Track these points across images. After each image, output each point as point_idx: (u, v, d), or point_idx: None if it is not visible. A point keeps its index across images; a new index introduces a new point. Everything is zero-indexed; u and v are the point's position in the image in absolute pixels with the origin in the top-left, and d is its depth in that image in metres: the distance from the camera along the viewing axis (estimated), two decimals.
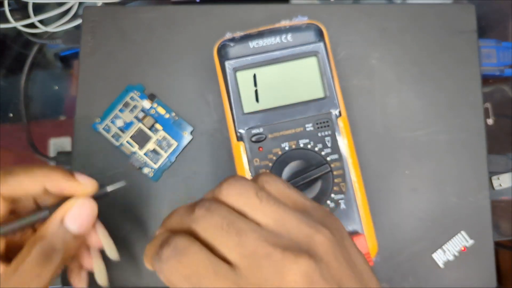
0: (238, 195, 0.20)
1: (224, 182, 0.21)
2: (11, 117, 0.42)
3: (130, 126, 0.36)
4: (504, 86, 0.41)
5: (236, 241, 0.19)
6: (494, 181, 0.38)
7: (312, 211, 0.21)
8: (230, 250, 0.19)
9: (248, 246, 0.18)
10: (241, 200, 0.20)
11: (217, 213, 0.19)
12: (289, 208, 0.20)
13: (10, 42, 0.44)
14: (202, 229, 0.19)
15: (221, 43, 0.32)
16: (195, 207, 0.20)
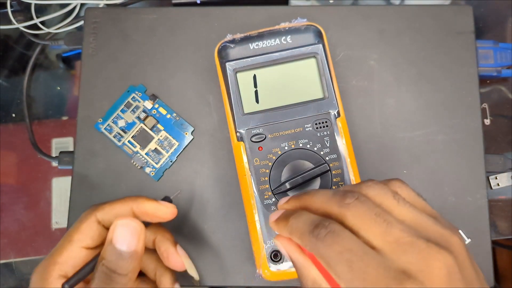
0: (377, 195, 0.23)
1: (362, 183, 0.24)
2: (13, 117, 0.43)
3: (132, 126, 0.36)
4: (501, 87, 0.41)
5: (383, 229, 0.21)
6: (491, 181, 0.39)
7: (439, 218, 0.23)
8: (376, 237, 0.21)
9: (393, 234, 0.21)
10: (379, 200, 0.23)
11: (367, 204, 0.22)
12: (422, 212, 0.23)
13: (12, 43, 0.44)
14: (352, 215, 0.22)
15: (222, 44, 0.32)
16: (345, 195, 0.23)
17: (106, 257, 0.26)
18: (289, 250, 0.25)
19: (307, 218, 0.24)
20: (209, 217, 0.35)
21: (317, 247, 0.22)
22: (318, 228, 0.22)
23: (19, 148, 0.42)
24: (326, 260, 0.22)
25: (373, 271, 0.20)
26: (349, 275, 0.21)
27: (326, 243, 0.22)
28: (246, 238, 0.34)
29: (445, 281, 0.20)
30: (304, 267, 0.25)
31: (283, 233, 0.25)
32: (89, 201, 0.35)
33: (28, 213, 0.40)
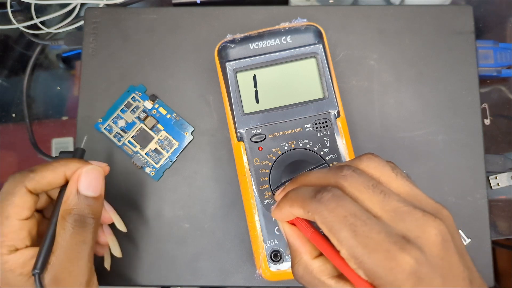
0: (377, 168, 0.24)
1: (363, 156, 0.24)
2: (13, 117, 0.43)
3: (132, 126, 0.36)
4: (501, 87, 0.41)
5: (381, 199, 0.22)
6: (491, 181, 0.39)
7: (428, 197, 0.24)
8: (374, 205, 0.22)
9: (391, 203, 0.22)
10: (379, 172, 0.24)
11: (363, 176, 0.23)
12: (417, 187, 0.24)
13: (12, 43, 0.45)
14: (349, 184, 0.23)
15: (222, 44, 0.32)
16: (342, 168, 0.24)
17: (75, 206, 0.27)
18: (287, 232, 0.26)
19: (307, 188, 0.24)
20: (209, 217, 0.35)
21: (319, 211, 0.22)
22: (321, 192, 0.23)
23: (19, 148, 0.42)
24: (329, 225, 0.22)
25: (376, 236, 0.21)
26: (352, 241, 0.21)
27: (330, 207, 0.22)
28: (246, 238, 0.34)
29: (440, 247, 0.21)
30: (299, 251, 0.25)
31: (284, 210, 0.25)
32: None
33: None
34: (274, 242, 0.30)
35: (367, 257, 0.21)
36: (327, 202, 0.22)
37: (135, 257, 0.34)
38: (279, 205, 0.26)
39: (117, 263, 0.34)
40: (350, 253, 0.21)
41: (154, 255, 0.34)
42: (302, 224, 0.25)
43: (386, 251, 0.21)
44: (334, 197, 0.22)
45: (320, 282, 0.24)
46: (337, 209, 0.22)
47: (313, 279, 0.24)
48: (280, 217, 0.26)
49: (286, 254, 0.30)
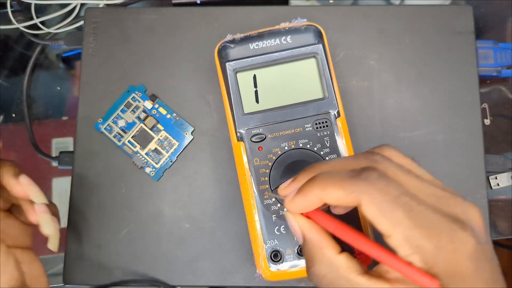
0: (399, 157, 0.23)
1: (383, 146, 0.23)
2: (13, 117, 0.43)
3: (132, 126, 0.36)
4: (501, 87, 0.41)
5: (419, 183, 0.21)
6: (491, 181, 0.39)
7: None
8: (414, 189, 0.21)
9: (429, 188, 0.21)
10: (402, 160, 0.23)
11: (393, 161, 0.22)
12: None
13: (12, 43, 0.44)
14: (384, 168, 0.21)
15: (222, 44, 0.32)
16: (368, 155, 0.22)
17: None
18: (304, 226, 0.23)
19: (344, 167, 0.22)
20: (209, 217, 0.35)
21: (367, 190, 0.20)
22: (366, 171, 0.21)
23: (19, 148, 0.42)
24: (380, 205, 0.20)
25: (433, 216, 0.20)
26: (409, 222, 0.19)
27: (379, 186, 0.20)
28: (246, 238, 0.34)
29: (484, 230, 0.21)
30: (320, 247, 0.22)
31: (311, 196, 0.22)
32: (89, 201, 0.35)
33: None
34: (274, 242, 0.30)
35: (426, 239, 0.19)
36: (375, 181, 0.20)
37: (135, 257, 0.34)
38: (303, 191, 0.22)
39: (118, 263, 0.34)
40: (406, 236, 0.19)
41: (154, 255, 0.34)
42: (323, 216, 0.23)
43: (448, 230, 0.19)
44: (382, 176, 0.20)
45: (348, 280, 0.21)
46: (388, 188, 0.20)
47: (339, 277, 0.21)
48: (300, 206, 0.23)
49: (286, 254, 0.30)
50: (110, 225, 0.35)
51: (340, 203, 0.21)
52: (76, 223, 0.35)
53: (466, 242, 0.19)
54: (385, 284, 0.20)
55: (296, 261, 0.30)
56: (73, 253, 0.34)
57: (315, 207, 0.23)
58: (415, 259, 0.20)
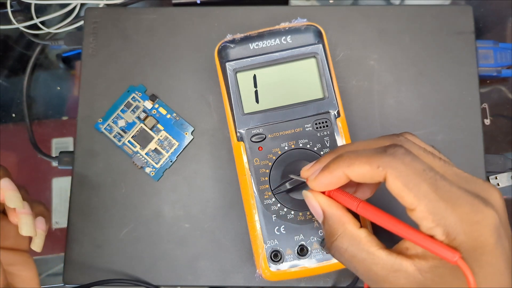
0: (422, 143, 0.24)
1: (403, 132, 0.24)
2: (13, 117, 0.43)
3: (132, 126, 0.36)
4: (501, 87, 0.41)
5: (442, 164, 0.22)
6: (491, 181, 0.39)
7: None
8: (438, 169, 0.22)
9: (451, 168, 0.22)
10: (425, 146, 0.24)
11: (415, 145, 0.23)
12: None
13: (12, 43, 0.44)
14: (409, 147, 0.22)
15: (222, 44, 0.32)
16: (396, 134, 0.24)
17: None
18: (325, 203, 0.24)
19: (368, 145, 0.23)
20: (209, 217, 0.35)
21: (393, 164, 0.21)
22: (392, 147, 0.22)
23: (19, 148, 0.42)
24: (406, 179, 0.21)
25: (457, 190, 0.20)
26: (433, 195, 0.20)
27: (406, 160, 0.21)
28: (246, 238, 0.34)
29: (504, 211, 0.21)
30: (341, 222, 0.23)
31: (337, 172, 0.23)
32: (89, 201, 0.35)
33: None
34: (274, 242, 0.30)
35: (450, 211, 0.20)
36: (401, 156, 0.21)
37: (135, 257, 0.34)
38: (329, 168, 0.23)
39: (118, 263, 0.34)
40: (430, 208, 0.20)
41: (154, 255, 0.34)
42: (346, 195, 0.24)
43: (471, 204, 0.20)
44: (407, 151, 0.21)
45: (369, 254, 0.22)
46: (414, 163, 0.21)
47: (360, 251, 0.22)
48: (325, 183, 0.24)
49: (286, 254, 0.30)
50: (110, 225, 0.35)
51: (366, 179, 0.22)
52: (76, 223, 0.35)
53: (489, 216, 0.20)
54: (405, 260, 0.21)
55: (296, 261, 0.30)
56: (73, 253, 0.34)
57: (339, 184, 0.23)
58: (437, 232, 0.20)
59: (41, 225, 0.28)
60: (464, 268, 0.19)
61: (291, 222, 0.30)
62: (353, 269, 0.23)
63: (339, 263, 0.29)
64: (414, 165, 0.21)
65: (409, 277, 0.21)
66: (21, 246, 0.29)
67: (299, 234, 0.30)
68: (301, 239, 0.30)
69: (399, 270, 0.21)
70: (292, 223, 0.30)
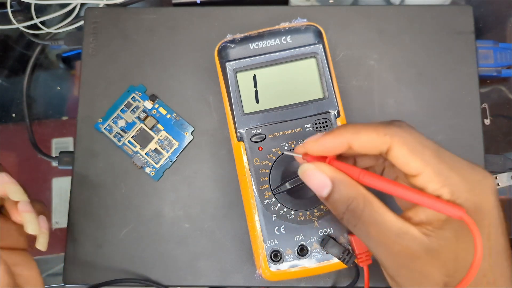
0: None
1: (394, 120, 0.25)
2: (13, 117, 0.43)
3: (132, 126, 0.36)
4: (501, 87, 0.41)
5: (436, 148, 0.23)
6: None
7: None
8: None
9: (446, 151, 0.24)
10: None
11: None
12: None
13: (12, 43, 0.44)
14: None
15: (222, 44, 0.32)
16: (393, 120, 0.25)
17: None
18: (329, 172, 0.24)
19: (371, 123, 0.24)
20: (209, 217, 0.35)
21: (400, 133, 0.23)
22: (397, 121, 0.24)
23: (19, 148, 0.42)
24: (411, 145, 0.22)
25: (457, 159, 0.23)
26: (437, 160, 0.22)
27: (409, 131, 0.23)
28: (246, 238, 0.34)
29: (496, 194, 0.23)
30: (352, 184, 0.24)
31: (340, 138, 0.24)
32: (89, 201, 0.35)
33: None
34: (274, 242, 0.30)
35: (454, 173, 0.22)
36: (407, 128, 0.23)
37: (135, 257, 0.34)
38: (333, 132, 0.24)
39: (118, 263, 0.34)
40: (436, 170, 0.22)
41: (154, 255, 0.34)
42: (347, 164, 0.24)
43: (471, 168, 0.22)
44: (410, 126, 0.23)
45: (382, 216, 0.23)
46: (418, 134, 0.23)
47: (374, 212, 0.23)
48: (324, 146, 0.24)
49: (286, 254, 0.30)
50: (110, 225, 0.35)
51: (369, 148, 0.23)
52: (76, 223, 0.35)
53: (488, 178, 0.22)
54: (411, 225, 0.22)
55: (296, 261, 0.30)
56: (73, 253, 0.34)
57: (338, 151, 0.24)
58: (444, 191, 0.22)
59: (44, 224, 0.28)
60: (469, 222, 0.21)
61: (291, 222, 0.30)
62: (365, 234, 0.23)
63: (339, 263, 0.29)
64: (418, 136, 0.23)
65: (416, 240, 0.22)
66: (21, 245, 0.29)
67: (299, 234, 0.30)
68: (301, 239, 0.30)
69: (407, 233, 0.22)
70: (292, 223, 0.30)
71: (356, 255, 0.29)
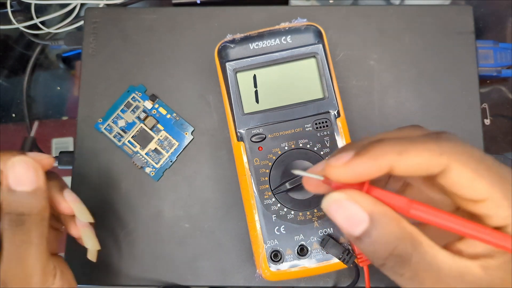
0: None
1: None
2: (13, 117, 0.43)
3: (132, 126, 0.36)
4: (501, 87, 0.41)
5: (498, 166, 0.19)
6: None
7: None
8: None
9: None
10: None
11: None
12: None
13: (12, 43, 0.45)
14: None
15: (222, 44, 0.32)
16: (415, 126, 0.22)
17: (7, 205, 0.23)
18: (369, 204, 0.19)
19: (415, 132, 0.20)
20: (209, 217, 0.35)
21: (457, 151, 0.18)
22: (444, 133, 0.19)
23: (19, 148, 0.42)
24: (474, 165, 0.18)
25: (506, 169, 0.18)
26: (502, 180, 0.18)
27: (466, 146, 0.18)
28: (246, 238, 0.34)
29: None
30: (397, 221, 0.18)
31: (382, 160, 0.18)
32: (89, 201, 0.35)
33: None
34: (274, 242, 0.30)
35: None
36: (459, 142, 0.18)
37: (135, 257, 0.34)
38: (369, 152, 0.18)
39: (118, 263, 0.34)
40: (506, 194, 0.17)
41: (154, 255, 0.34)
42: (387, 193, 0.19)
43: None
44: (460, 138, 0.19)
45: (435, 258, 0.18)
46: (471, 148, 0.18)
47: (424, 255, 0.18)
48: (360, 172, 0.19)
49: (286, 254, 0.30)
50: (110, 225, 0.35)
51: (418, 170, 0.18)
52: None
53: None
54: (469, 261, 0.18)
55: (296, 261, 0.30)
56: (73, 253, 0.34)
57: (373, 177, 0.19)
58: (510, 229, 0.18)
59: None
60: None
61: (291, 222, 0.30)
62: (418, 283, 0.18)
63: (339, 263, 0.29)
64: (473, 150, 0.18)
65: (476, 280, 0.18)
66: (56, 249, 0.29)
67: (299, 234, 0.30)
68: (301, 239, 0.30)
69: (467, 274, 0.18)
70: (292, 223, 0.30)
71: (356, 255, 0.29)
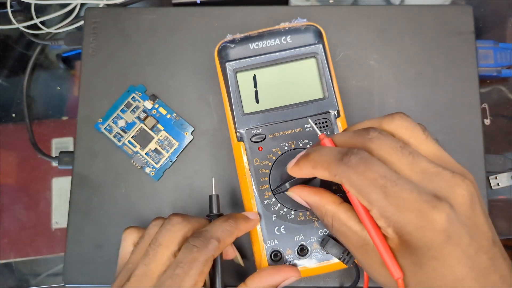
0: (408, 128, 0.24)
1: (395, 114, 0.24)
2: (13, 117, 0.43)
3: (132, 126, 0.36)
4: (501, 87, 0.41)
5: (410, 160, 0.22)
6: (491, 181, 0.39)
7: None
8: (404, 166, 0.22)
9: (420, 164, 0.22)
10: (409, 133, 0.24)
11: (390, 137, 0.23)
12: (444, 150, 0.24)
13: (12, 43, 0.45)
14: (377, 147, 0.23)
15: (222, 44, 0.32)
16: (368, 130, 0.23)
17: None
18: (303, 195, 0.27)
19: (332, 149, 0.24)
20: None
21: (347, 174, 0.22)
22: (348, 155, 0.22)
23: (19, 148, 0.42)
24: (358, 187, 0.22)
25: (407, 196, 0.21)
26: (384, 202, 0.22)
27: (359, 170, 0.22)
28: (246, 238, 0.34)
29: (469, 207, 0.22)
30: (321, 205, 0.26)
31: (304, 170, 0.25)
32: (89, 201, 0.35)
33: (28, 213, 0.40)
34: (274, 242, 0.30)
35: (398, 216, 0.21)
36: (355, 166, 0.22)
37: None
38: (298, 164, 0.26)
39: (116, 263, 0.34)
40: (381, 213, 0.22)
41: None
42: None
43: (418, 210, 0.21)
44: (362, 160, 0.22)
45: (348, 228, 0.24)
46: (366, 172, 0.22)
47: (341, 225, 0.25)
48: (296, 175, 0.26)
49: (286, 254, 0.30)
50: (110, 225, 0.35)
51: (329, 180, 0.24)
52: (76, 223, 0.35)
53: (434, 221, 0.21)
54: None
55: (296, 261, 0.30)
56: (73, 253, 0.34)
57: (311, 176, 0.26)
58: (389, 231, 0.22)
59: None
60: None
61: (291, 222, 0.30)
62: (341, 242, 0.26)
63: (339, 263, 0.29)
64: (367, 174, 0.22)
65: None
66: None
67: (299, 234, 0.30)
68: (301, 239, 0.30)
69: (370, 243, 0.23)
70: (292, 223, 0.30)
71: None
